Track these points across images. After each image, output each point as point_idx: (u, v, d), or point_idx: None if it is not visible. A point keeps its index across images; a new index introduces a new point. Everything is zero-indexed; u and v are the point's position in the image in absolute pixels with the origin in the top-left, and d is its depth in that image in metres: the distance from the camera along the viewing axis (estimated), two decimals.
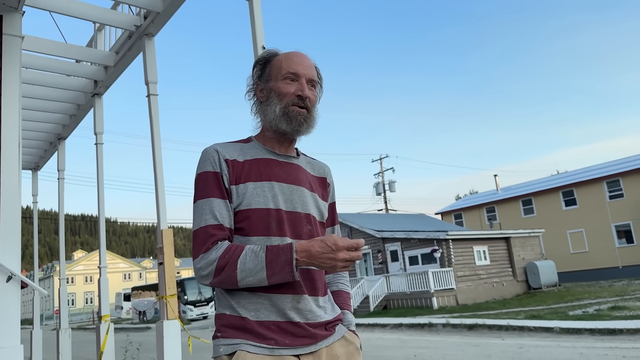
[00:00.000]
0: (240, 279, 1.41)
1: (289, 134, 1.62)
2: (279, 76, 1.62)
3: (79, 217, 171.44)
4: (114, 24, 6.34)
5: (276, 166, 1.61)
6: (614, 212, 30.40)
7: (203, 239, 1.47)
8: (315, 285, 1.56)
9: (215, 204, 1.51)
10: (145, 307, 35.56)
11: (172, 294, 5.40)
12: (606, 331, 10.50)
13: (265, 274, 1.41)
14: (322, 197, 1.71)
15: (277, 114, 1.59)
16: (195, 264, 1.46)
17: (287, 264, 1.40)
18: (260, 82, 1.67)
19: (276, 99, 1.60)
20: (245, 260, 1.41)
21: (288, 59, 1.63)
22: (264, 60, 1.68)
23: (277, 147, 1.66)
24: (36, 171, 11.48)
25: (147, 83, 6.01)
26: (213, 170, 1.54)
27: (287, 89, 1.60)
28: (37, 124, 9.04)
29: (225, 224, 1.50)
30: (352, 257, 1.40)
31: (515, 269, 24.64)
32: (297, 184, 1.62)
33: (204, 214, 1.50)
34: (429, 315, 17.45)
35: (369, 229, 24.98)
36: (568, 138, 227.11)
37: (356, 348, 1.62)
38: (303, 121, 1.61)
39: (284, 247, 1.42)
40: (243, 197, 1.52)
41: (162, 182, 5.67)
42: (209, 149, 1.58)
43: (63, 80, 7.73)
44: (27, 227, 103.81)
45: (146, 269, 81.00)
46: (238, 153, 1.60)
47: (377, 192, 39.15)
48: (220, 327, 1.51)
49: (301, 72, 1.62)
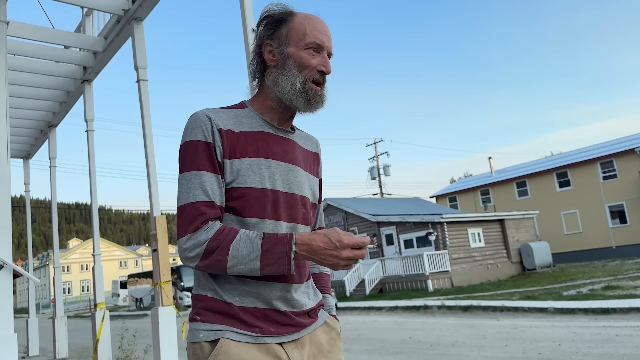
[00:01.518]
0: (231, 265, 1.28)
1: (302, 111, 1.48)
2: (301, 43, 1.43)
3: (73, 206, 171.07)
4: (102, 9, 6.24)
5: (274, 142, 1.46)
6: (608, 192, 30.57)
7: (192, 216, 1.32)
8: (303, 271, 1.48)
9: (206, 178, 1.34)
10: (142, 294, 35.63)
11: (167, 280, 5.40)
12: (600, 310, 10.61)
13: (259, 264, 1.28)
14: (315, 174, 1.61)
15: (297, 89, 1.42)
16: (181, 244, 1.31)
17: (285, 256, 1.27)
18: (271, 42, 1.46)
19: (295, 70, 1.43)
20: (238, 246, 1.28)
21: (312, 26, 1.45)
22: (279, 17, 1.47)
23: (277, 119, 1.50)
24: (27, 159, 11.38)
25: (137, 68, 5.93)
26: (204, 140, 1.36)
27: (310, 61, 1.43)
28: (27, 112, 8.94)
29: (217, 202, 1.35)
30: (356, 256, 1.29)
31: (510, 250, 24.81)
32: (293, 163, 1.49)
33: (193, 188, 1.34)
34: (424, 298, 17.59)
35: (364, 213, 25.05)
36: (562, 119, 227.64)
37: (337, 333, 1.57)
38: (320, 102, 1.47)
39: (283, 236, 1.29)
40: (237, 174, 1.37)
41: (154, 168, 5.63)
42: (199, 114, 1.39)
43: (52, 67, 7.63)
44: (21, 216, 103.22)
45: (142, 256, 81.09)
46: (233, 122, 1.42)
47: (372, 177, 39.20)
48: (200, 310, 1.38)
49: (325, 44, 1.46)
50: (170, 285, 5.48)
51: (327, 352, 1.51)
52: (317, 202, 1.65)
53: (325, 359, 1.50)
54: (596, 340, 7.74)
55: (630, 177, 29.72)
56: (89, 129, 7.82)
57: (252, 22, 4.07)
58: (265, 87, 1.49)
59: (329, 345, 1.52)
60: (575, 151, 36.11)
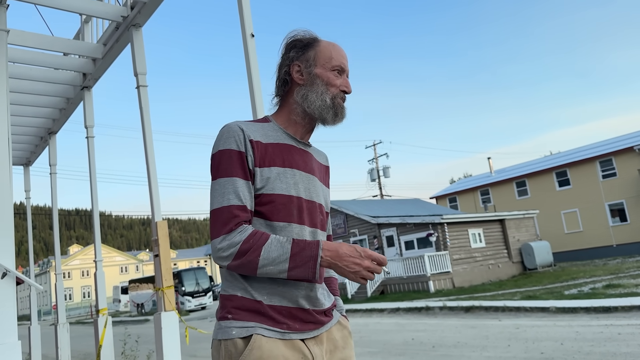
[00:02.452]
0: (261, 266, 1.40)
1: (329, 123, 1.64)
2: (328, 65, 1.63)
3: (74, 212, 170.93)
4: (100, 16, 6.25)
5: (297, 154, 1.62)
6: (607, 191, 30.59)
7: (226, 218, 1.44)
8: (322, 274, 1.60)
9: (239, 184, 1.47)
10: (143, 300, 35.62)
11: (169, 285, 5.40)
12: (601, 309, 10.62)
13: (287, 266, 1.40)
14: (327, 185, 1.76)
15: (327, 104, 1.60)
16: (216, 244, 1.43)
17: (311, 260, 1.40)
18: (299, 64, 1.64)
19: (323, 87, 1.61)
20: (270, 249, 1.40)
21: (336, 51, 1.65)
22: (306, 42, 1.65)
23: (299, 132, 1.66)
24: (28, 167, 11.39)
25: (136, 74, 5.95)
26: (237, 149, 1.49)
27: (335, 81, 1.63)
28: (27, 119, 8.96)
29: (248, 206, 1.48)
30: (375, 270, 1.42)
31: (511, 250, 24.82)
32: (312, 174, 1.64)
33: (227, 193, 1.46)
34: (426, 299, 17.58)
35: (364, 215, 25.05)
36: (560, 119, 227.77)
37: (349, 332, 1.72)
38: (344, 116, 1.65)
39: (311, 242, 1.43)
40: (267, 181, 1.50)
41: (154, 174, 5.64)
42: (232, 125, 1.53)
43: (51, 74, 7.65)
44: (22, 223, 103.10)
45: (143, 261, 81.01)
46: (261, 134, 1.57)
47: (372, 178, 39.20)
48: (232, 309, 1.48)
49: (346, 68, 1.67)
50: (173, 291, 5.49)
51: (342, 348, 1.65)
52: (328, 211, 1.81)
53: (341, 354, 1.64)
54: (598, 339, 7.75)
55: (629, 175, 29.74)
56: (89, 135, 7.83)
57: (251, 28, 4.09)
58: (291, 102, 1.66)
59: (343, 342, 1.67)
60: (575, 150, 36.14)
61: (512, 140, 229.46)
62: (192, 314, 28.19)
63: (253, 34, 4.10)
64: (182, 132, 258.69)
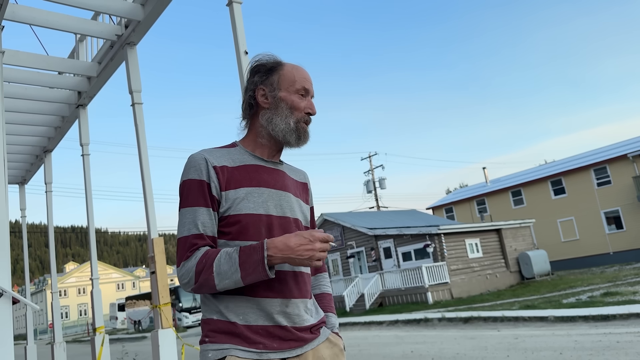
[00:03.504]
0: (218, 282, 1.42)
1: (292, 146, 1.67)
2: (292, 89, 1.65)
3: (69, 229, 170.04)
4: (95, 35, 6.31)
5: (265, 172, 1.63)
6: (603, 198, 30.70)
7: (185, 248, 1.49)
8: (303, 288, 1.59)
9: (199, 212, 1.51)
10: (140, 317, 35.34)
11: (166, 302, 5.39)
12: (600, 317, 10.61)
13: (240, 275, 1.41)
14: (305, 202, 1.76)
15: (291, 127, 1.62)
16: (178, 272, 1.48)
17: (260, 263, 1.40)
18: (263, 88, 1.66)
19: (287, 111, 1.63)
20: (220, 263, 1.42)
21: (299, 74, 1.67)
22: (269, 67, 1.67)
23: (266, 153, 1.68)
24: (23, 185, 11.38)
25: (131, 92, 5.99)
26: (198, 178, 1.53)
27: (300, 104, 1.65)
28: (23, 138, 8.97)
29: (207, 233, 1.51)
30: (325, 248, 1.44)
31: (508, 260, 24.82)
32: (284, 190, 1.65)
33: (187, 223, 1.51)
34: (424, 311, 17.54)
35: (361, 227, 25.04)
36: (554, 127, 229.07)
37: (340, 349, 1.67)
38: (307, 138, 1.68)
39: (256, 245, 1.43)
40: (232, 202, 1.52)
41: (150, 190, 5.65)
42: (196, 156, 1.57)
43: (46, 93, 7.68)
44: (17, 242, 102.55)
45: (139, 278, 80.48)
46: (226, 159, 1.59)
47: (368, 190, 39.22)
48: (208, 332, 1.51)
49: (310, 90, 1.69)
50: (170, 307, 5.48)
51: None
52: (311, 227, 1.81)
53: None
54: (597, 348, 7.75)
55: (624, 183, 29.88)
56: (85, 153, 7.84)
57: (245, 45, 4.14)
58: (257, 126, 1.69)
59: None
60: (569, 159, 36.31)
61: (506, 150, 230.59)
62: (190, 330, 27.98)
63: (247, 52, 4.14)
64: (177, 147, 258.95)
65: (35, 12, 5.75)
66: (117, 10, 5.70)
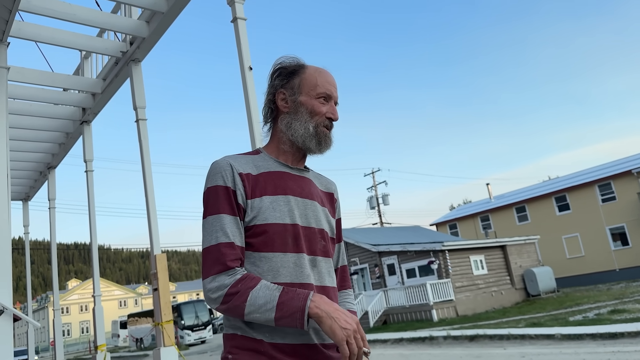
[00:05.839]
0: (247, 312, 1.35)
1: (313, 152, 1.61)
2: (313, 93, 1.59)
3: (72, 246, 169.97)
4: (100, 51, 6.34)
5: (290, 179, 1.57)
6: (608, 215, 30.53)
7: (214, 258, 1.40)
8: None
9: (226, 220, 1.44)
10: (142, 334, 35.07)
11: (168, 320, 5.33)
12: (607, 335, 10.46)
13: (274, 315, 1.33)
14: (331, 212, 1.69)
15: (310, 132, 1.56)
16: (206, 284, 1.40)
17: (299, 311, 1.32)
18: (284, 91, 1.61)
19: (307, 115, 1.57)
20: (257, 295, 1.35)
21: (323, 78, 1.61)
22: (291, 69, 1.62)
23: (290, 160, 1.62)
24: (27, 202, 11.37)
25: (136, 108, 6.00)
26: (224, 185, 1.47)
27: (320, 108, 1.58)
28: (27, 154, 8.98)
29: (237, 242, 1.43)
30: (359, 344, 1.32)
31: (513, 276, 24.60)
32: (310, 198, 1.58)
33: (215, 230, 1.43)
34: (429, 328, 17.34)
35: (364, 243, 24.91)
36: (557, 144, 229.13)
37: None
38: (329, 144, 1.61)
39: (301, 293, 1.35)
40: (258, 211, 1.46)
41: (154, 207, 5.62)
42: (220, 162, 1.51)
43: (51, 109, 7.70)
44: (20, 259, 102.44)
45: (142, 295, 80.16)
46: (251, 166, 1.54)
47: (371, 206, 39.14)
48: (232, 349, 1.44)
49: (333, 94, 1.62)
50: (172, 325, 5.41)
51: None
52: (337, 240, 1.73)
53: None
54: None
55: (629, 199, 29.74)
56: (88, 169, 7.84)
57: (249, 61, 4.14)
58: (278, 131, 1.63)
59: None
60: (573, 175, 36.22)
61: (510, 166, 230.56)
62: (192, 348, 27.73)
63: (251, 67, 4.14)
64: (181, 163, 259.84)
65: (41, 29, 5.79)
66: (122, 27, 5.74)
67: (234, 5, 4.41)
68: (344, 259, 1.80)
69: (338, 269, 1.75)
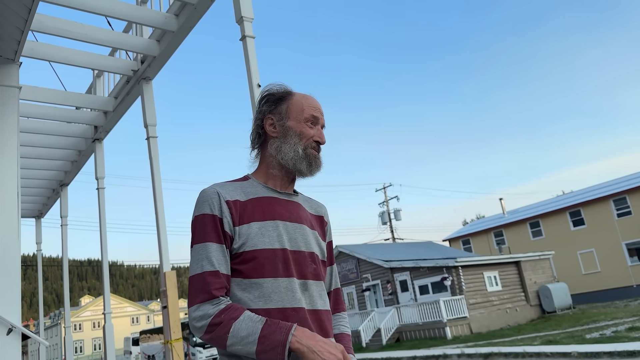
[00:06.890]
0: (230, 344, 1.35)
1: (304, 174, 1.63)
2: (301, 117, 1.63)
3: (85, 262, 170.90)
4: (112, 70, 6.42)
5: (278, 204, 1.58)
6: (624, 229, 30.07)
7: (199, 286, 1.41)
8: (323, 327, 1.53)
9: (212, 249, 1.45)
10: (154, 351, 34.97)
11: (177, 338, 5.30)
12: (625, 353, 10.23)
13: (255, 348, 1.33)
14: (321, 235, 1.69)
15: (300, 155, 1.59)
16: (190, 313, 1.40)
17: (280, 345, 1.32)
18: (272, 117, 1.64)
19: (296, 138, 1.61)
20: (240, 326, 1.35)
21: (308, 103, 1.66)
22: (279, 96, 1.66)
23: (279, 185, 1.63)
24: (40, 219, 11.47)
25: (146, 126, 6.04)
26: (211, 213, 1.48)
27: (309, 131, 1.62)
28: (39, 172, 9.08)
29: (222, 270, 1.44)
30: None
31: (528, 293, 24.23)
32: (299, 222, 1.59)
33: (201, 259, 1.44)
34: (443, 346, 17.09)
35: (376, 259, 24.74)
36: (571, 158, 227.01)
37: None
38: (319, 166, 1.64)
39: (283, 326, 1.35)
40: (247, 238, 1.47)
41: (163, 224, 5.63)
42: (207, 190, 1.53)
43: (63, 128, 7.79)
44: (33, 275, 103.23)
45: (154, 311, 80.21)
46: (239, 193, 1.55)
47: (383, 222, 38.95)
48: None
49: (320, 119, 1.67)
50: (181, 343, 5.38)
51: None
52: (329, 263, 1.74)
53: None
54: None
55: None
56: (100, 186, 7.89)
57: (258, 79, 4.16)
58: (267, 156, 1.65)
59: None
60: (588, 189, 35.79)
61: (523, 181, 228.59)
62: None
63: (259, 85, 4.15)
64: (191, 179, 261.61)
65: (54, 49, 5.88)
66: (133, 46, 5.81)
67: (243, 23, 4.44)
68: (337, 282, 1.81)
69: (331, 292, 1.76)
